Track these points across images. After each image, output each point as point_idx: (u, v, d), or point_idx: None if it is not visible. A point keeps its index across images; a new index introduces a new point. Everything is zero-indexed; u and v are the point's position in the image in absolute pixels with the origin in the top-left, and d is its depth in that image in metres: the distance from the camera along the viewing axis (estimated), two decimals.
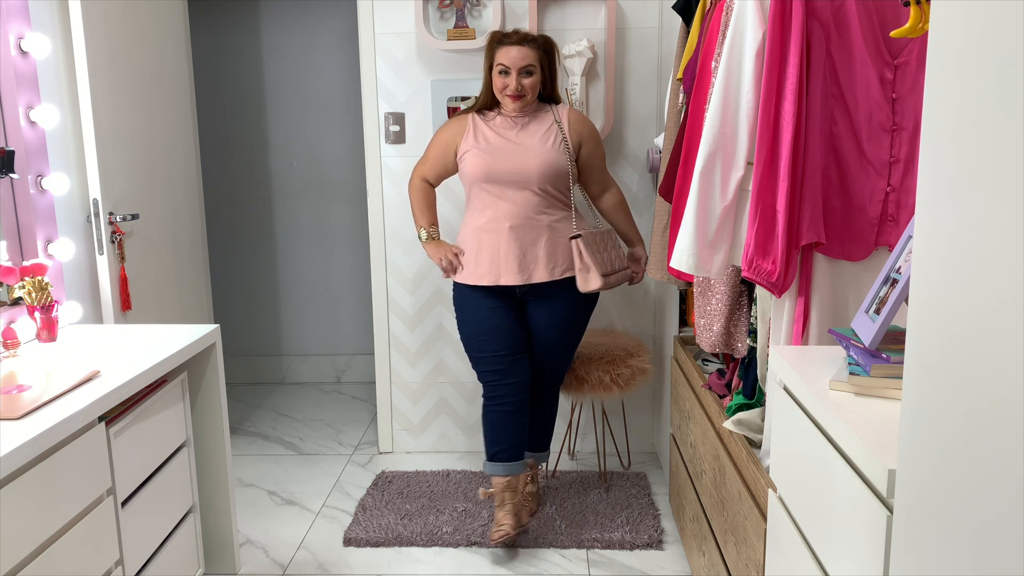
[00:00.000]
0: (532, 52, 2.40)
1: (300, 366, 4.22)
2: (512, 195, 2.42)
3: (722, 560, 1.88)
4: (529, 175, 2.40)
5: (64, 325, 2.22)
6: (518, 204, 2.42)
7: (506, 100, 2.43)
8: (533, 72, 2.41)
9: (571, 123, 2.49)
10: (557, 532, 2.58)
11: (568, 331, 2.58)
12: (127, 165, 2.50)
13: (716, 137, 1.64)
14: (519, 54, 2.38)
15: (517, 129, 2.47)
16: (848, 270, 1.60)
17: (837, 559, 1.12)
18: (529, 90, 2.41)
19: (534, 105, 2.49)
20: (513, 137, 2.46)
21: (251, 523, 2.72)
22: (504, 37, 2.43)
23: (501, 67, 2.40)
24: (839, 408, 1.14)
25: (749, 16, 1.59)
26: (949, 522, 0.74)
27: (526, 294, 2.49)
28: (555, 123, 2.47)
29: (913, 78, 1.51)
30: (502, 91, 2.42)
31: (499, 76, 2.42)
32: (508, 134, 2.46)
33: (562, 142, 2.45)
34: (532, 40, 2.42)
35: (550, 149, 2.43)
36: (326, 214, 4.08)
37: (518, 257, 2.42)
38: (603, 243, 2.51)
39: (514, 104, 2.42)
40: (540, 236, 2.43)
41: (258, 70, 3.96)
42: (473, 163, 2.43)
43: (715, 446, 1.95)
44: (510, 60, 2.39)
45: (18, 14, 2.15)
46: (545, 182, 2.41)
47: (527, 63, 2.39)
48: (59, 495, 1.54)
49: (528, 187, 2.41)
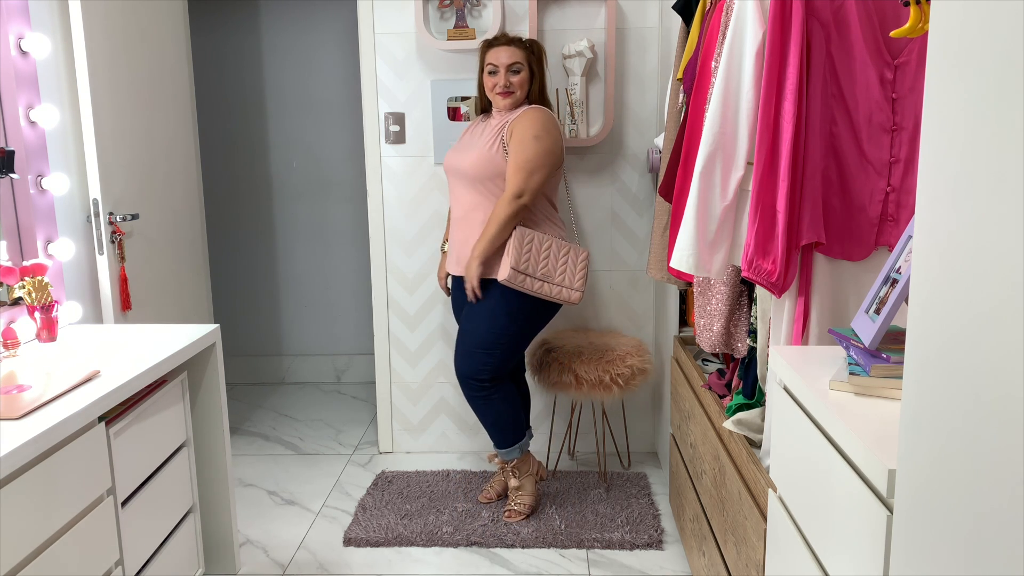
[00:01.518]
0: (519, 51, 2.53)
1: (300, 366, 4.22)
2: (456, 191, 2.61)
3: (722, 560, 1.88)
4: (464, 173, 2.55)
5: (64, 325, 2.22)
6: (460, 199, 2.59)
7: (497, 98, 2.55)
8: (520, 70, 2.53)
9: (517, 121, 2.50)
10: (557, 532, 2.58)
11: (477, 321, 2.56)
12: (127, 165, 2.50)
13: (716, 137, 1.64)
14: (506, 53, 2.52)
15: (484, 127, 2.60)
16: (848, 270, 1.60)
17: (837, 559, 1.12)
18: (518, 87, 2.53)
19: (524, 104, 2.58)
20: (478, 134, 2.60)
21: (251, 523, 2.72)
22: (493, 40, 2.58)
23: (490, 67, 2.54)
24: (839, 408, 1.14)
25: (749, 16, 1.59)
26: (949, 522, 0.74)
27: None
28: (506, 123, 2.53)
29: (913, 78, 1.51)
30: (492, 89, 2.55)
31: (489, 76, 2.55)
32: (475, 132, 2.62)
33: (498, 140, 2.52)
34: (519, 41, 2.56)
35: (487, 148, 2.52)
36: (326, 214, 4.08)
37: (456, 248, 2.60)
38: (549, 251, 2.49)
39: (504, 100, 2.54)
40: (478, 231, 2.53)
41: (258, 70, 3.96)
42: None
43: (715, 446, 1.95)
44: (497, 59, 2.53)
45: (18, 14, 2.15)
46: (478, 180, 2.53)
47: (514, 60, 2.52)
48: (59, 495, 1.54)
49: (465, 184, 2.56)
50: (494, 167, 2.50)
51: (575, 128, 2.98)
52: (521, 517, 2.66)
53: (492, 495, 2.80)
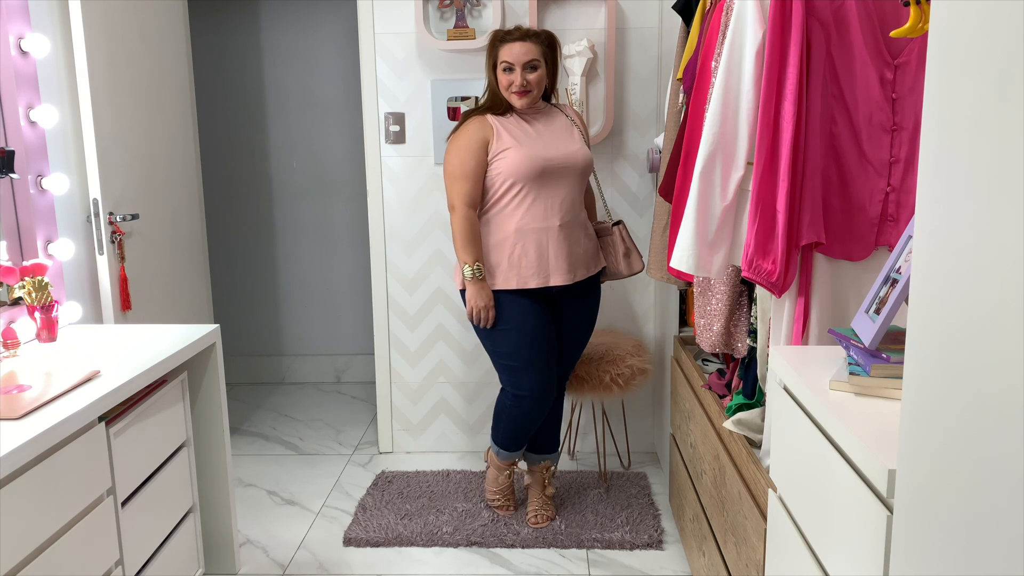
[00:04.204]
0: (535, 47, 2.36)
1: (300, 366, 4.22)
2: (558, 191, 2.38)
3: (722, 560, 1.88)
4: (576, 166, 2.41)
5: (64, 325, 2.22)
6: (564, 200, 2.39)
7: (512, 97, 2.38)
8: (538, 67, 2.37)
9: (579, 121, 2.54)
10: (557, 532, 2.58)
11: (591, 327, 2.63)
12: (127, 165, 2.50)
13: (716, 137, 1.64)
14: (522, 49, 2.35)
15: (539, 126, 2.44)
16: (848, 270, 1.60)
17: (837, 559, 1.12)
18: (535, 85, 2.38)
19: (540, 103, 2.47)
20: (544, 132, 2.43)
21: (251, 523, 2.72)
22: (506, 34, 2.39)
23: (505, 64, 2.36)
24: (839, 408, 1.14)
25: (749, 16, 1.59)
26: (949, 522, 0.74)
27: (561, 294, 2.48)
28: (568, 119, 2.50)
29: (913, 78, 1.51)
30: (507, 88, 2.37)
31: (504, 73, 2.37)
32: (536, 130, 2.43)
33: (581, 136, 2.49)
34: (535, 35, 2.39)
35: (580, 142, 2.46)
36: (326, 214, 4.08)
37: (567, 256, 2.41)
38: None
39: (521, 100, 2.37)
40: (581, 233, 2.48)
41: (258, 70, 3.96)
42: (518, 159, 2.34)
43: (715, 446, 1.95)
44: (514, 56, 2.35)
45: (18, 14, 2.15)
46: (585, 176, 2.47)
47: (531, 58, 2.35)
48: (59, 495, 1.54)
49: (572, 181, 2.41)
50: (591, 160, 2.49)
51: None
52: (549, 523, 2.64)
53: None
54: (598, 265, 2.53)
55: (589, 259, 2.49)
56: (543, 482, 2.69)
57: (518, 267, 2.39)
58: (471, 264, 2.38)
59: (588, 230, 2.51)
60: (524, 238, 2.38)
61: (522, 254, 2.38)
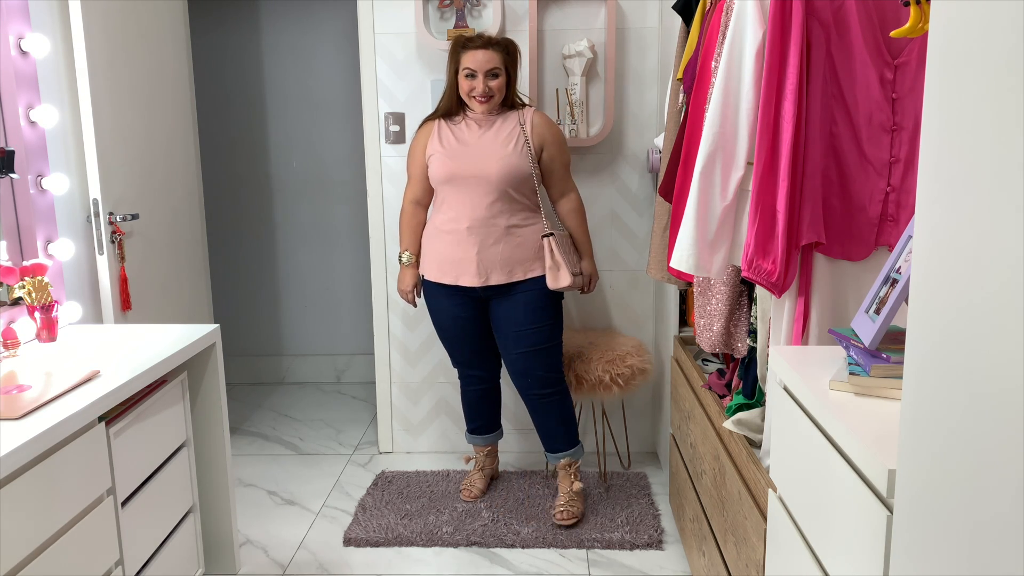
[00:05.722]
0: (496, 55, 2.47)
1: (300, 366, 4.22)
2: (472, 197, 2.50)
3: (722, 560, 1.88)
4: (489, 177, 2.47)
5: (64, 325, 2.22)
6: (477, 206, 2.50)
7: (474, 103, 2.49)
8: (499, 74, 2.48)
9: (534, 126, 2.55)
10: (557, 532, 2.58)
11: (531, 323, 2.57)
12: (127, 165, 2.50)
13: (716, 137, 1.64)
14: (484, 57, 2.45)
15: (482, 132, 2.53)
16: (848, 270, 1.60)
17: (837, 559, 1.12)
18: (496, 91, 2.48)
19: (498, 108, 2.54)
20: (476, 140, 2.52)
21: (251, 523, 2.72)
22: (468, 41, 2.50)
23: (468, 70, 2.47)
24: (839, 408, 1.14)
25: (749, 16, 1.59)
26: (949, 522, 0.74)
27: (489, 293, 2.57)
28: (519, 125, 2.53)
29: (913, 78, 1.51)
30: (469, 94, 2.49)
31: (466, 79, 2.48)
32: (472, 137, 2.53)
33: (524, 144, 2.51)
34: (496, 43, 2.49)
35: (511, 152, 2.49)
36: (326, 214, 4.08)
37: (476, 259, 2.51)
38: (570, 246, 2.62)
39: (482, 106, 2.49)
40: (499, 239, 2.51)
41: (258, 70, 3.96)
42: (436, 165, 2.52)
43: (715, 446, 1.95)
44: (476, 63, 2.45)
45: (18, 14, 2.15)
46: (505, 185, 2.48)
47: (492, 65, 2.46)
48: (59, 495, 1.54)
49: (488, 189, 2.48)
50: (522, 170, 2.49)
51: (575, 128, 2.98)
52: (576, 520, 2.62)
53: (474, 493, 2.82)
54: (528, 272, 2.54)
55: (514, 264, 2.53)
56: (569, 478, 2.70)
57: (437, 262, 2.59)
58: (409, 250, 2.67)
59: (518, 236, 2.53)
60: (439, 237, 2.58)
61: (439, 250, 2.58)
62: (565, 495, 2.67)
